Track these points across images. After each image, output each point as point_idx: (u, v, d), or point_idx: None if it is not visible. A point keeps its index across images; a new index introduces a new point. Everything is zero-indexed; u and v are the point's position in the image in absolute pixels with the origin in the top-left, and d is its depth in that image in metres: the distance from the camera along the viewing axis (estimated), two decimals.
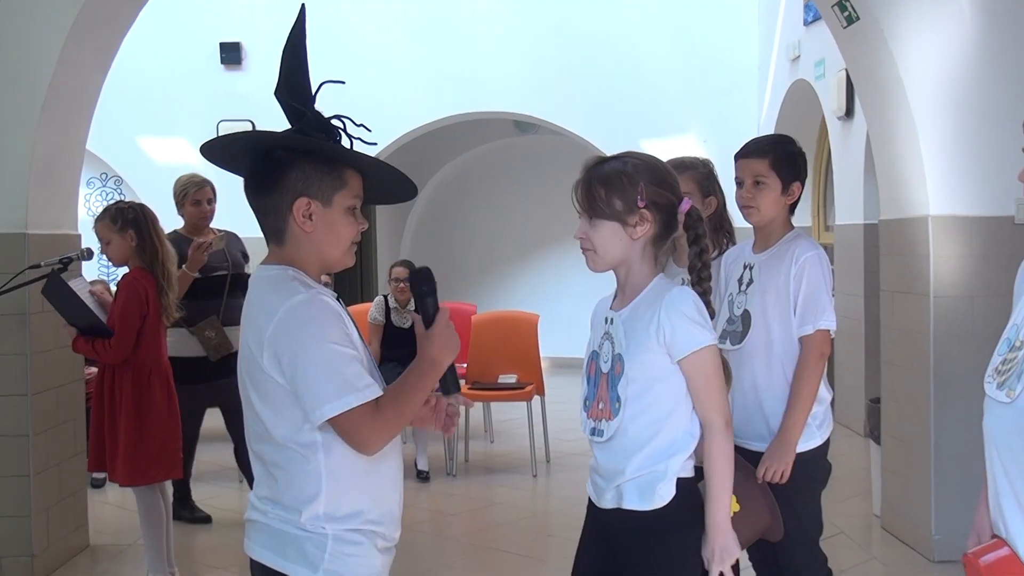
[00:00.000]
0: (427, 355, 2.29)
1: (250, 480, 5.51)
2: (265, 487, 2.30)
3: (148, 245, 4.67)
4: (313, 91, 2.36)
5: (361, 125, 2.39)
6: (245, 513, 2.36)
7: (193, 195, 5.80)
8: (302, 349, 2.17)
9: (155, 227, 4.74)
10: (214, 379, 5.67)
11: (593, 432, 2.65)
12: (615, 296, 2.68)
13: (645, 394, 2.53)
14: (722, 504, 2.56)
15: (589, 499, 2.75)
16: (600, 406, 2.62)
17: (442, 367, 2.31)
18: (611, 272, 2.66)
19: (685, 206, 2.59)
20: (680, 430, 2.55)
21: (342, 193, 2.29)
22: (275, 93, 2.34)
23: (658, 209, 2.54)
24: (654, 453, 2.54)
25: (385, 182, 2.46)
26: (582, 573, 2.80)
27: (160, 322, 4.72)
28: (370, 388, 2.19)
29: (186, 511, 5.98)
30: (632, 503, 2.56)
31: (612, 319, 2.62)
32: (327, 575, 2.23)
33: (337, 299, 2.34)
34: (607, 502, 2.63)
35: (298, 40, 2.38)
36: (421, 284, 2.33)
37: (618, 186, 2.53)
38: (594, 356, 2.67)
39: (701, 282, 2.63)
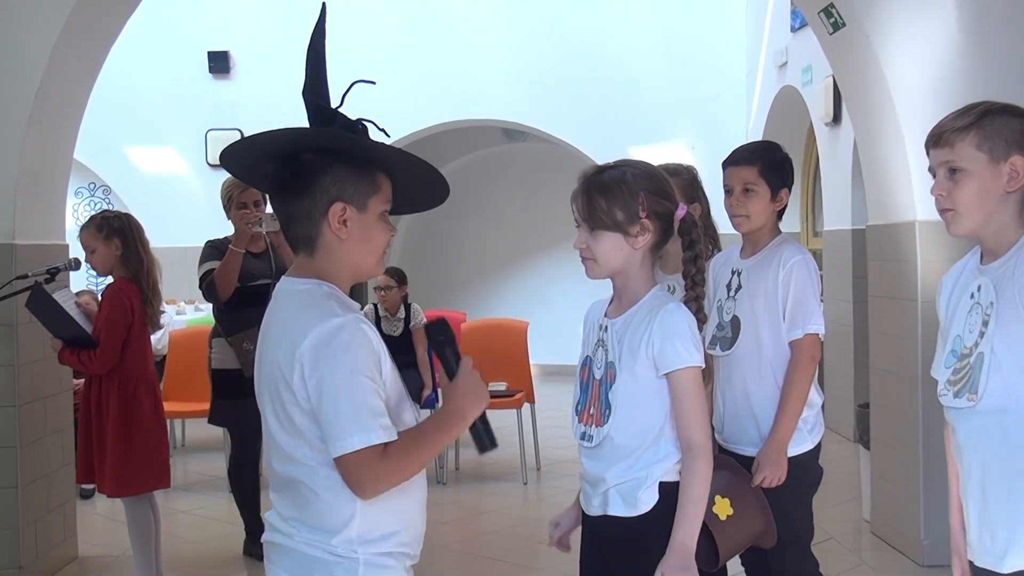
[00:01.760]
0: (452, 406, 2.18)
1: (238, 503, 5.52)
2: (292, 508, 2.20)
3: (133, 255, 4.65)
4: (342, 92, 2.30)
5: (382, 130, 2.31)
6: (265, 534, 2.29)
7: (238, 198, 5.23)
8: (331, 376, 2.06)
9: (140, 237, 4.72)
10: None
11: (583, 437, 2.65)
12: (611, 302, 2.68)
13: (635, 403, 2.53)
14: (691, 529, 2.50)
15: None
16: (591, 411, 2.63)
17: (468, 419, 2.20)
18: (588, 280, 2.68)
19: (681, 212, 2.61)
20: (668, 441, 2.55)
21: (376, 198, 2.21)
22: (302, 93, 2.27)
23: (658, 218, 2.56)
24: (637, 462, 2.54)
25: (412, 186, 2.36)
26: None
27: (146, 332, 4.70)
28: (383, 431, 2.07)
29: (257, 547, 5.09)
30: (617, 510, 2.57)
31: (607, 326, 2.62)
32: None
33: (367, 306, 2.25)
34: (594, 509, 2.63)
35: (319, 40, 2.33)
36: (437, 335, 2.24)
37: (619, 196, 2.53)
38: (587, 361, 2.68)
39: (695, 287, 2.65)
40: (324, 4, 2.33)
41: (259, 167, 2.28)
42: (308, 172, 2.18)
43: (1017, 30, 4.96)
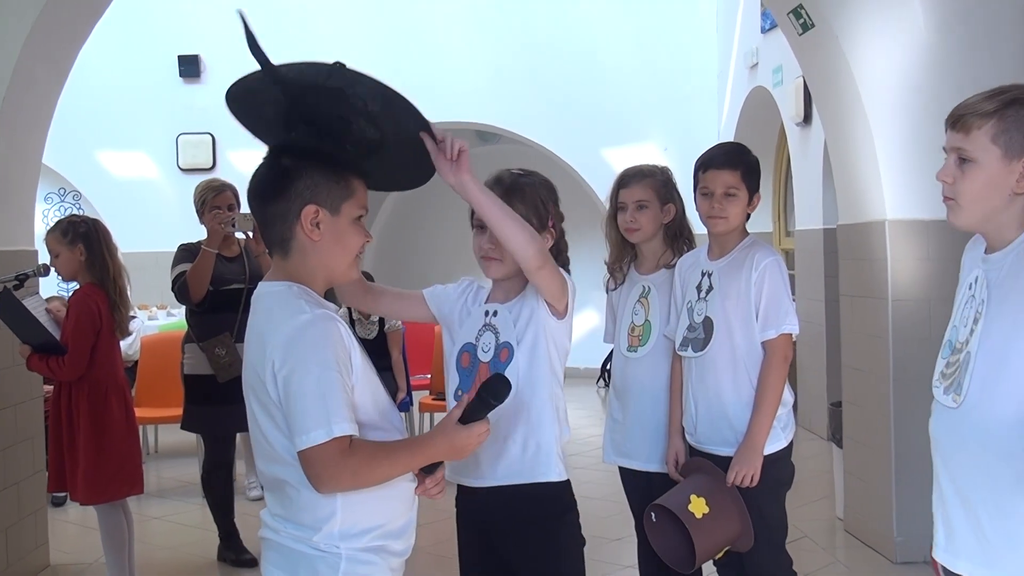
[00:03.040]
0: (441, 440, 2.24)
1: (212, 508, 5.49)
2: (279, 505, 2.28)
3: (98, 260, 4.60)
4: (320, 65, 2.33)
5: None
6: (260, 531, 2.36)
7: (212, 201, 5.22)
8: (297, 371, 2.13)
9: (107, 242, 4.67)
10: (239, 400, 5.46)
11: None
12: (490, 292, 2.89)
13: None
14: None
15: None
16: None
17: (440, 457, 2.29)
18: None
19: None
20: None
21: (350, 202, 2.28)
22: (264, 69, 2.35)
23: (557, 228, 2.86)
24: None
25: (400, 157, 2.45)
26: None
27: (114, 338, 4.66)
28: (347, 426, 2.12)
29: (231, 552, 5.41)
30: None
31: (496, 311, 2.81)
32: None
33: (339, 310, 2.32)
34: None
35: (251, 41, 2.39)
36: (491, 396, 2.21)
37: (532, 202, 2.83)
38: (468, 348, 2.81)
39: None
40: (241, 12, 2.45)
41: (262, 106, 2.38)
42: (285, 176, 2.25)
43: (985, 29, 5.01)
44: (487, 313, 2.81)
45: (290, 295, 2.22)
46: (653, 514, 3.29)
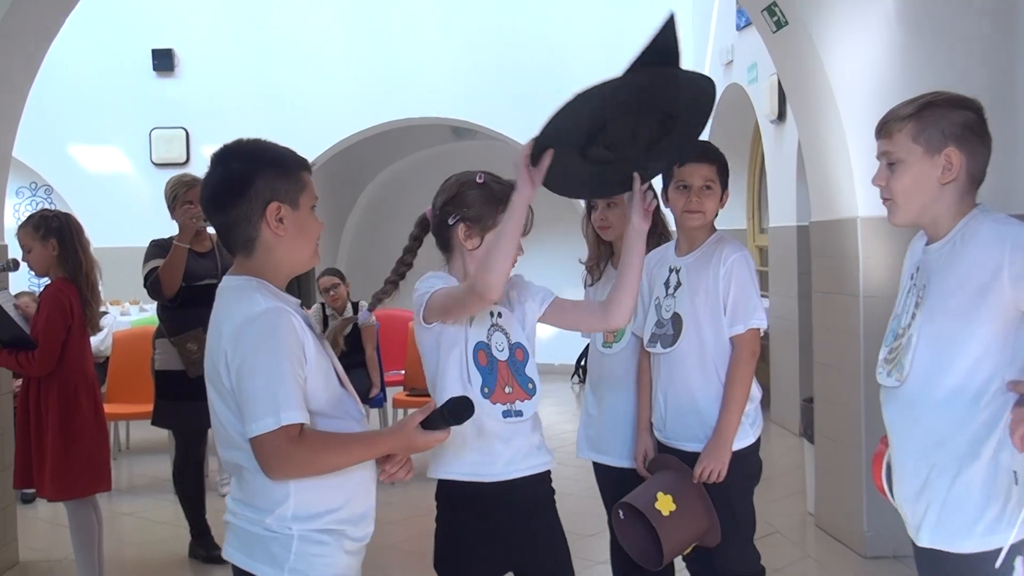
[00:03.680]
0: (397, 437, 2.36)
1: (183, 505, 5.46)
2: (237, 490, 2.38)
3: (70, 255, 4.57)
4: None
5: None
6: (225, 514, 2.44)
7: (184, 196, 5.21)
8: (249, 360, 2.23)
9: (79, 237, 4.64)
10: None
11: (509, 415, 2.79)
12: None
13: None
14: None
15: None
16: (507, 390, 2.79)
17: (390, 451, 2.41)
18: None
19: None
20: None
21: (305, 194, 2.39)
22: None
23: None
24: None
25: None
26: None
27: (85, 333, 4.63)
28: (296, 414, 2.21)
29: (202, 549, 5.40)
30: None
31: (501, 312, 2.86)
32: (292, 574, 2.29)
33: (300, 306, 2.41)
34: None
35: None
36: (455, 418, 2.33)
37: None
38: (482, 346, 2.81)
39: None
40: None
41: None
42: (241, 179, 2.34)
43: (955, 27, 5.04)
44: (492, 314, 2.86)
45: (248, 288, 2.31)
46: (621, 511, 3.30)
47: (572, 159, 2.59)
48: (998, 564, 2.25)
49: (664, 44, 2.57)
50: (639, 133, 2.64)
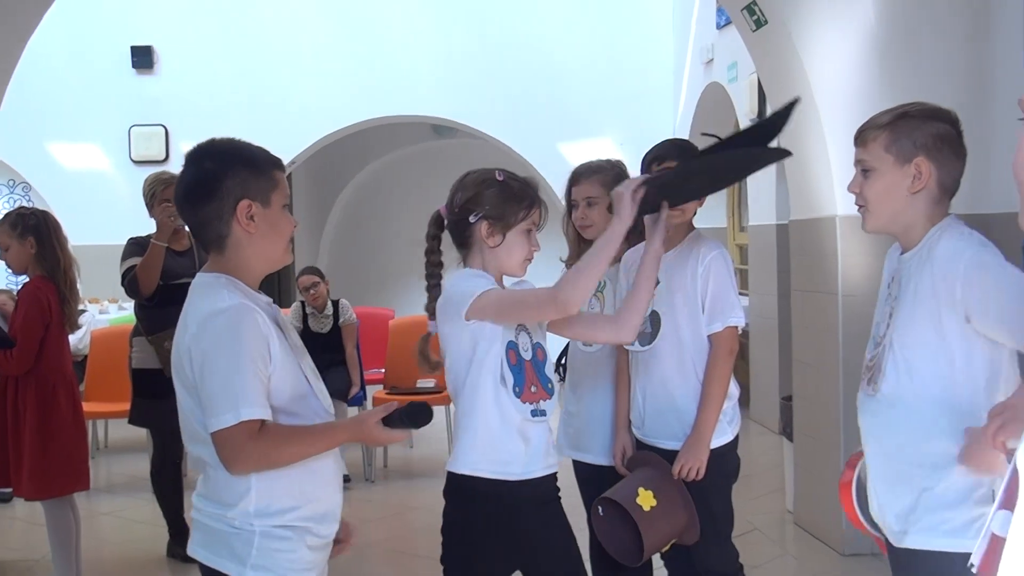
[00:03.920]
0: (355, 426, 2.42)
1: (161, 504, 5.44)
2: (202, 485, 2.41)
3: (49, 253, 4.55)
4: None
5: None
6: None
7: (162, 194, 5.14)
8: (211, 355, 2.27)
9: (57, 235, 4.62)
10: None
11: (536, 414, 2.81)
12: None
13: None
14: None
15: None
16: (532, 389, 2.80)
17: (348, 440, 2.49)
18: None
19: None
20: None
21: (277, 192, 2.41)
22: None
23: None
24: None
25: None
26: None
27: (64, 332, 4.61)
28: (257, 410, 2.25)
29: (180, 548, 5.02)
30: None
31: None
32: (255, 570, 2.31)
33: (271, 304, 2.43)
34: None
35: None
36: (410, 420, 2.39)
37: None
38: (512, 346, 2.80)
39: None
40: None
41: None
42: (212, 178, 2.38)
43: (937, 27, 5.06)
44: None
45: (217, 285, 2.35)
46: (600, 508, 3.31)
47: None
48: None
49: (779, 124, 2.73)
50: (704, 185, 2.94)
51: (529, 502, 2.86)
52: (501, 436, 2.78)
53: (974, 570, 1.32)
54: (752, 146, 2.76)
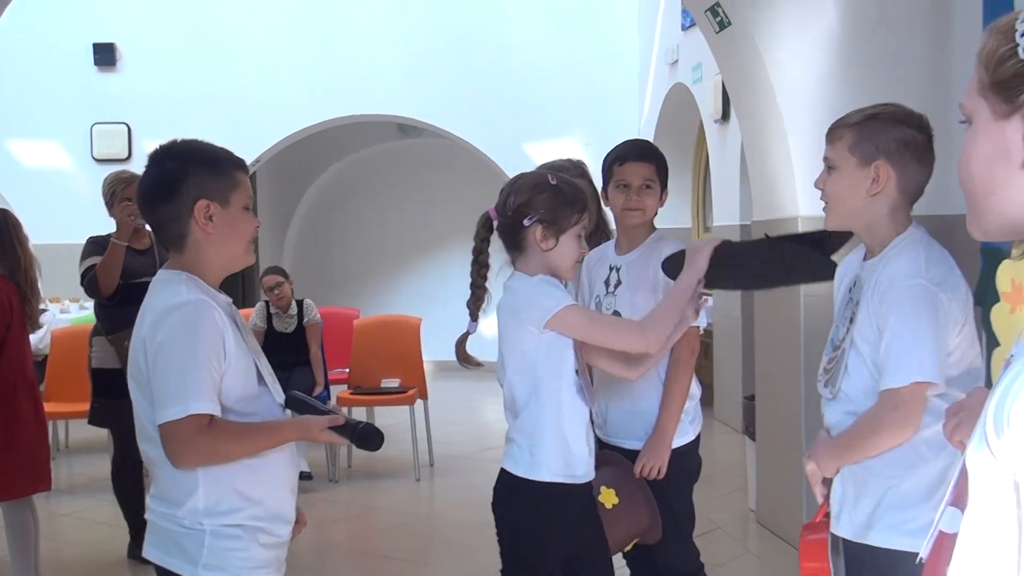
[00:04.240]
0: (303, 429, 2.45)
1: (121, 505, 5.39)
2: (154, 486, 2.42)
3: (9, 251, 4.50)
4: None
5: None
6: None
7: (122, 193, 5.12)
8: (164, 349, 2.28)
9: (17, 233, 4.57)
10: None
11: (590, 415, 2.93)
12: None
13: None
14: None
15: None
16: (586, 391, 2.90)
17: (292, 439, 2.47)
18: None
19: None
20: None
21: (237, 193, 2.43)
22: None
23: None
24: None
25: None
26: None
27: (24, 331, 4.55)
28: (206, 404, 2.26)
29: (141, 550, 5.36)
30: None
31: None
32: (207, 570, 2.32)
33: (231, 303, 2.45)
34: None
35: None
36: (360, 440, 2.42)
37: None
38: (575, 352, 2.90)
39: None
40: None
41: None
42: (172, 178, 2.40)
43: (895, 30, 5.11)
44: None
45: (177, 281, 2.37)
46: None
47: None
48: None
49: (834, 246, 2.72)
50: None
51: (591, 504, 2.93)
52: (575, 440, 2.81)
53: (922, 563, 1.33)
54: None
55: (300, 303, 7.28)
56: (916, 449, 2.38)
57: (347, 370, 7.64)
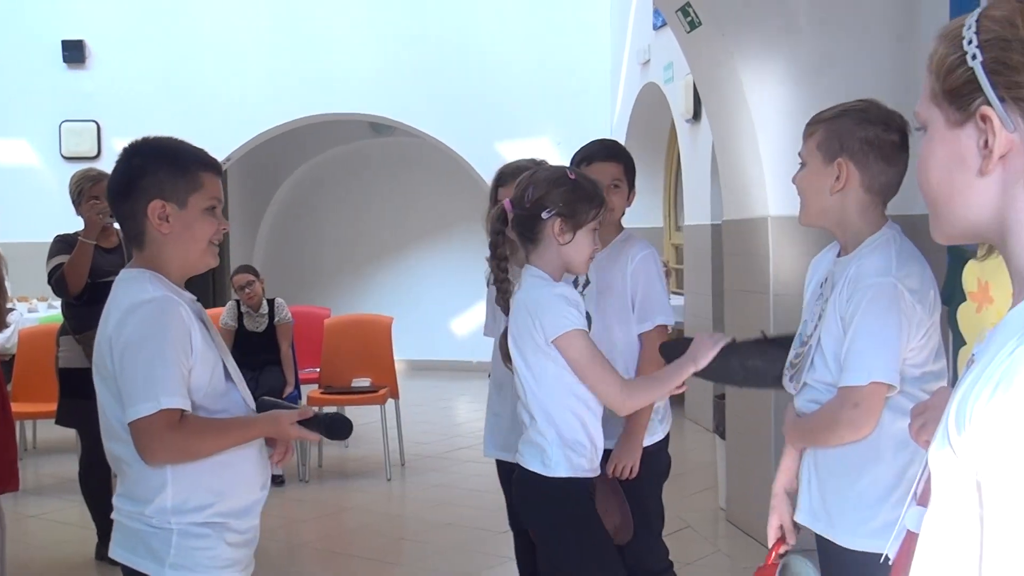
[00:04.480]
0: (272, 426, 2.43)
1: (89, 505, 5.35)
2: (120, 485, 2.41)
3: None
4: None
5: None
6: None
7: (89, 191, 5.09)
8: (132, 346, 2.27)
9: None
10: None
11: None
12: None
13: None
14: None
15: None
16: None
17: (261, 435, 2.46)
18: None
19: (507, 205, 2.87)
20: None
21: (198, 195, 2.39)
22: None
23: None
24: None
25: None
26: None
27: None
28: (176, 400, 2.25)
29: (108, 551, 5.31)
30: None
31: None
32: (173, 569, 2.31)
33: (196, 301, 2.45)
34: None
35: None
36: (329, 431, 2.49)
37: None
38: None
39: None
40: None
41: None
42: (134, 175, 2.40)
43: (867, 29, 5.14)
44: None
45: (141, 278, 2.36)
46: None
47: None
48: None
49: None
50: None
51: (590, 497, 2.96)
52: (596, 436, 2.87)
53: (889, 563, 1.34)
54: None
55: (271, 302, 7.25)
56: (874, 446, 2.39)
57: (318, 369, 7.61)
